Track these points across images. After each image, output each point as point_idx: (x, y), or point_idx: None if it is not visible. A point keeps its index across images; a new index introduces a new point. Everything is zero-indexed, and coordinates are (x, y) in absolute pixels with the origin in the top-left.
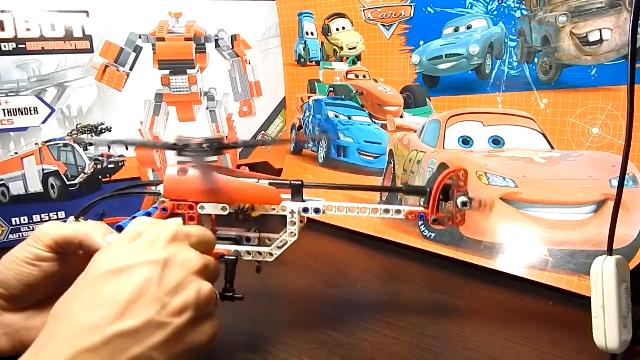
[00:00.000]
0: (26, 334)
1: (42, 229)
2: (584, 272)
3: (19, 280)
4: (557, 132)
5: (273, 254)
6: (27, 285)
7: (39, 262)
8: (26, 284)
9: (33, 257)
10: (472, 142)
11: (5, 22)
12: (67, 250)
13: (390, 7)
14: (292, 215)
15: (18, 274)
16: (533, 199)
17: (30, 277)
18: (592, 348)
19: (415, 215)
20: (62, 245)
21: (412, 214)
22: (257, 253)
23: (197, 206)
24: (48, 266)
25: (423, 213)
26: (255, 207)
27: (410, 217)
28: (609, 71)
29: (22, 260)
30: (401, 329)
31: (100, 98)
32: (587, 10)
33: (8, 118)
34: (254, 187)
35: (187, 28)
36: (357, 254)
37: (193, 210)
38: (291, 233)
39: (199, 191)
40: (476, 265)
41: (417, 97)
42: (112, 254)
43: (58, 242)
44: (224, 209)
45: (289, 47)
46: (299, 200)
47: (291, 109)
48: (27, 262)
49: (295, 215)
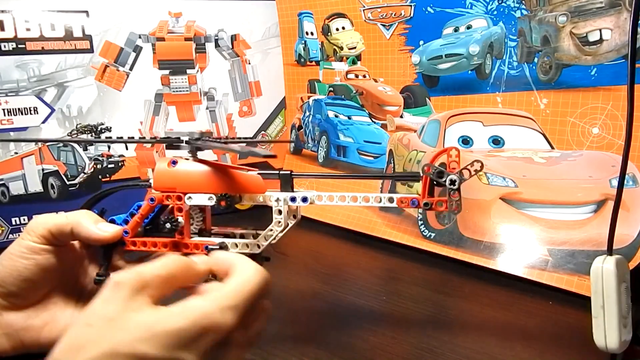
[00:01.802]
0: (26, 334)
1: (35, 221)
2: (584, 272)
3: (16, 277)
4: (557, 132)
5: (260, 246)
6: (25, 281)
7: (34, 255)
8: (23, 279)
9: (28, 251)
10: (472, 142)
11: (5, 22)
12: (60, 240)
13: (390, 7)
14: (277, 203)
15: (14, 269)
16: (533, 199)
17: (27, 272)
18: (592, 348)
19: (408, 201)
20: (56, 235)
21: (405, 201)
22: (244, 245)
23: (185, 197)
24: (43, 259)
25: (416, 199)
26: (242, 197)
27: (403, 204)
28: (609, 71)
29: (17, 255)
30: (401, 329)
31: (100, 98)
32: (587, 10)
33: (8, 118)
34: (239, 176)
35: (187, 28)
36: (357, 254)
37: (181, 201)
38: (278, 223)
39: (187, 182)
40: (476, 265)
41: (417, 97)
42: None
43: (51, 231)
44: (211, 199)
45: (289, 47)
46: (288, 190)
47: (291, 109)
48: (22, 256)
49: (282, 204)
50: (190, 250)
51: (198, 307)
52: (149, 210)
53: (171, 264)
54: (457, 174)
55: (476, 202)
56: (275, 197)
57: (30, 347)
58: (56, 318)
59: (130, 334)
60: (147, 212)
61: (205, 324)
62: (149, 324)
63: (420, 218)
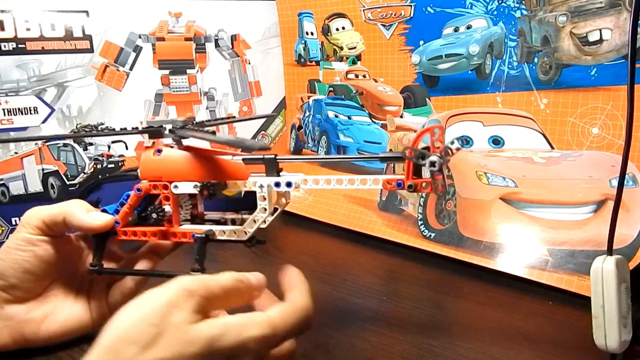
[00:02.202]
0: (27, 326)
1: (29, 213)
2: (584, 272)
3: (16, 269)
4: (557, 132)
5: (247, 232)
6: (24, 273)
7: (32, 246)
8: (23, 271)
9: (25, 243)
10: (472, 142)
11: (5, 22)
12: (55, 231)
13: (390, 7)
14: (261, 190)
15: (14, 262)
16: (533, 199)
17: (25, 264)
18: (592, 348)
19: (394, 183)
20: (50, 225)
21: (391, 182)
22: (232, 232)
23: (171, 185)
24: (40, 250)
25: (401, 181)
26: (227, 184)
27: (389, 185)
28: (609, 71)
29: (15, 248)
30: (401, 329)
31: (100, 98)
32: (587, 10)
33: (8, 118)
34: (222, 162)
35: (187, 28)
36: (357, 254)
37: (167, 190)
38: (262, 209)
39: (172, 170)
40: (476, 265)
41: (417, 97)
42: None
43: (45, 222)
44: (196, 187)
45: (289, 47)
46: (273, 175)
47: (291, 109)
48: (20, 248)
49: (265, 190)
50: (178, 238)
51: (247, 328)
52: (137, 200)
53: (236, 283)
54: (438, 155)
55: (476, 202)
56: (259, 183)
57: (30, 340)
58: (56, 310)
59: (193, 347)
60: (135, 202)
61: (249, 346)
62: (210, 340)
63: (420, 218)
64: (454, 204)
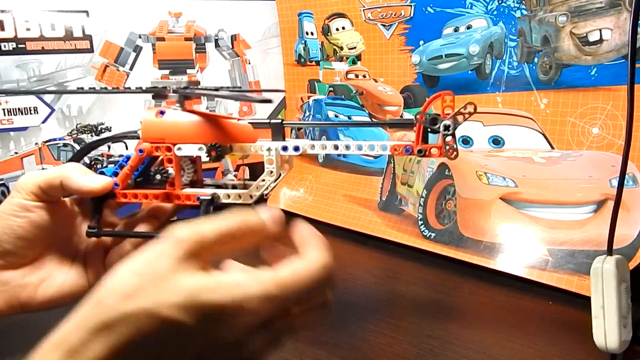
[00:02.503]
0: (22, 291)
1: (24, 178)
2: (584, 272)
3: (11, 234)
4: (557, 132)
5: (253, 196)
6: (19, 239)
7: (27, 212)
8: (18, 237)
9: (20, 209)
10: (472, 142)
11: (5, 22)
12: (51, 195)
13: (390, 7)
14: (269, 153)
15: (9, 228)
16: (533, 199)
17: (20, 230)
18: (592, 348)
19: (402, 149)
20: (46, 190)
21: (399, 148)
22: (236, 196)
23: (174, 147)
24: (36, 216)
25: (410, 146)
26: (233, 148)
27: (397, 152)
28: (609, 71)
29: (9, 213)
30: (401, 329)
31: (100, 98)
32: (587, 10)
33: (8, 118)
34: (229, 125)
35: (187, 28)
36: (357, 254)
37: (171, 152)
38: (270, 172)
39: (176, 132)
40: (476, 265)
41: (417, 97)
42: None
43: (41, 186)
44: (201, 149)
45: (289, 47)
46: (280, 139)
47: (291, 109)
48: (14, 214)
49: (273, 153)
50: (182, 201)
51: (244, 286)
52: (138, 162)
53: (234, 225)
54: (451, 119)
55: (476, 202)
56: (267, 146)
57: (27, 305)
58: (52, 275)
59: (173, 297)
60: (137, 164)
61: (247, 306)
62: (194, 292)
63: (420, 218)
64: (454, 204)
